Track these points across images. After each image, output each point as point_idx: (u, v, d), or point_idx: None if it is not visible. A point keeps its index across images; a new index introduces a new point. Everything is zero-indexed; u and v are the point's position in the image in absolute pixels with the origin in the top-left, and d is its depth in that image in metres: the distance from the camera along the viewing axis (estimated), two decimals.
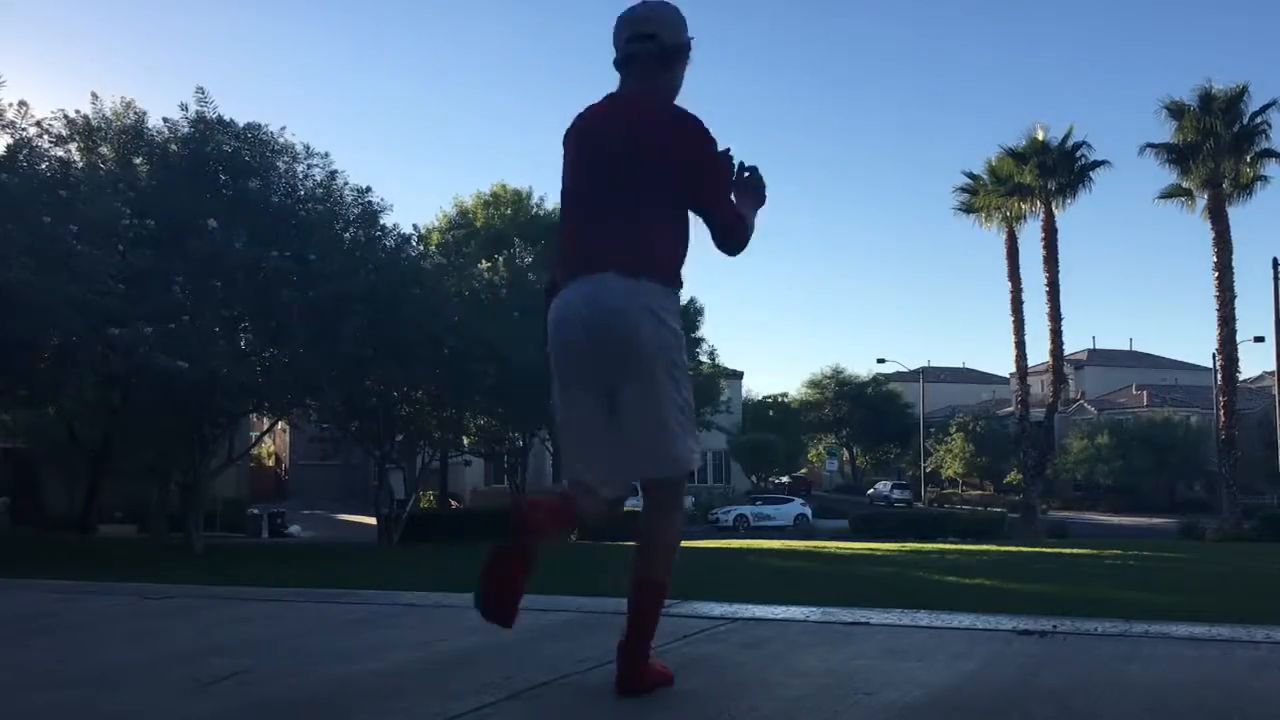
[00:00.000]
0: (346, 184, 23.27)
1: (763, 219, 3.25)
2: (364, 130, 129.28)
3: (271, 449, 61.29)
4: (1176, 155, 36.37)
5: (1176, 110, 36.14)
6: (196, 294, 20.04)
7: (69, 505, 32.92)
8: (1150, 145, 36.91)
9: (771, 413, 68.74)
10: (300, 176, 22.56)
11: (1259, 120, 35.61)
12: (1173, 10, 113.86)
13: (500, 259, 33.86)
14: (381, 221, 23.73)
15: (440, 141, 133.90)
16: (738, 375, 59.27)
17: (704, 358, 35.85)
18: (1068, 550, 21.70)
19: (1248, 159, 35.64)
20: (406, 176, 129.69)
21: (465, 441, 32.09)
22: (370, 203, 23.35)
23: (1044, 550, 23.81)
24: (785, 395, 75.42)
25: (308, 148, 22.56)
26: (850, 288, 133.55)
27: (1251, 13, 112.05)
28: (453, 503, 42.16)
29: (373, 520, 30.72)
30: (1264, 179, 35.82)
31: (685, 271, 3.11)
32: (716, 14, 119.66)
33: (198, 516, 23.57)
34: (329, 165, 22.95)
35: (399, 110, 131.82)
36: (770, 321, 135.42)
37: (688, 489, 3.41)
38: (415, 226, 26.66)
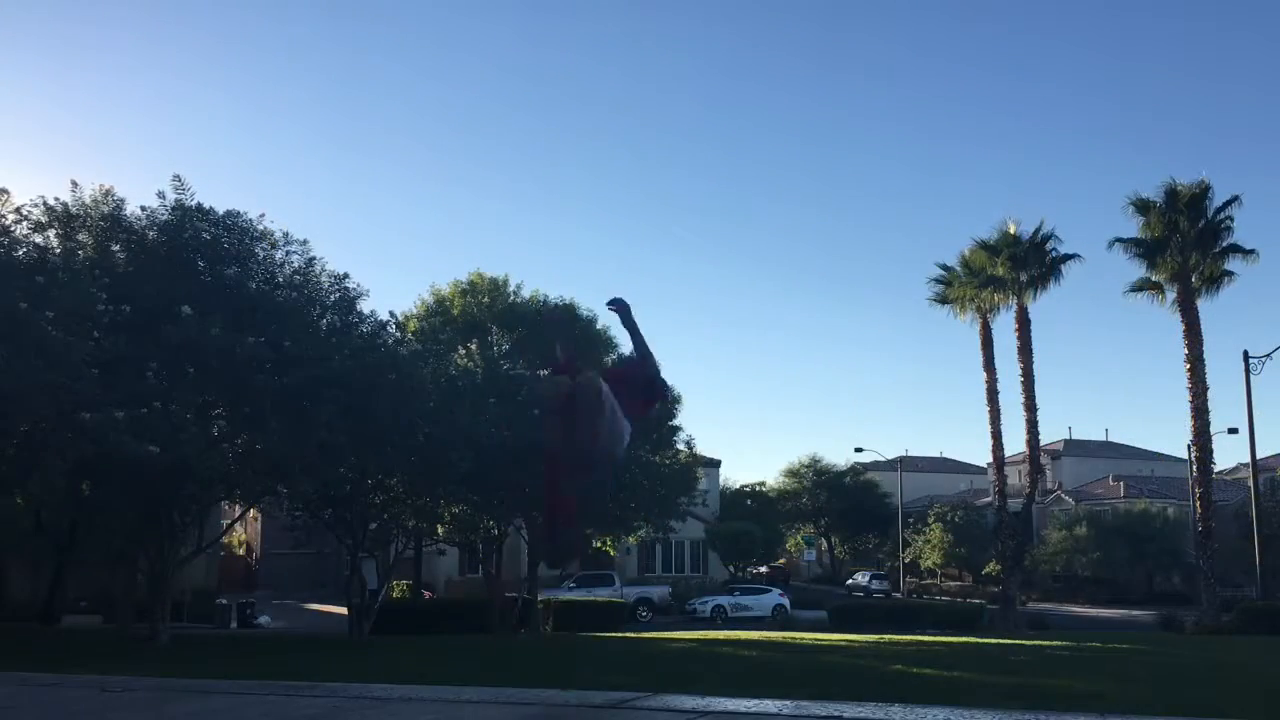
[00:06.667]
0: (324, 269, 23.29)
1: (743, 310, 3.36)
2: (344, 223, 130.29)
3: (243, 537, 60.41)
4: (1144, 250, 36.89)
5: (1143, 206, 36.78)
6: (170, 380, 19.88)
7: (33, 594, 32.20)
8: (1119, 240, 37.52)
9: (749, 502, 68.38)
10: (278, 263, 22.56)
11: (1222, 216, 36.19)
12: (1140, 111, 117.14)
13: (474, 345, 33.89)
14: (358, 307, 23.72)
15: (419, 233, 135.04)
16: (715, 464, 59.11)
17: (681, 446, 35.66)
18: (1045, 642, 21.50)
19: (1214, 253, 36.14)
20: (387, 267, 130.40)
21: (440, 530, 31.69)
22: (347, 288, 23.36)
23: (1023, 642, 23.56)
24: (763, 484, 75.11)
25: (286, 234, 22.57)
26: (828, 377, 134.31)
27: (1219, 114, 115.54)
28: (426, 593, 41.48)
29: (344, 610, 30.16)
30: (1230, 274, 36.19)
31: (663, 360, 3.30)
32: (702, 106, 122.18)
33: (165, 606, 23.06)
34: (307, 252, 22.97)
35: (379, 201, 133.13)
36: (748, 411, 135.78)
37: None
38: (392, 313, 26.69)
